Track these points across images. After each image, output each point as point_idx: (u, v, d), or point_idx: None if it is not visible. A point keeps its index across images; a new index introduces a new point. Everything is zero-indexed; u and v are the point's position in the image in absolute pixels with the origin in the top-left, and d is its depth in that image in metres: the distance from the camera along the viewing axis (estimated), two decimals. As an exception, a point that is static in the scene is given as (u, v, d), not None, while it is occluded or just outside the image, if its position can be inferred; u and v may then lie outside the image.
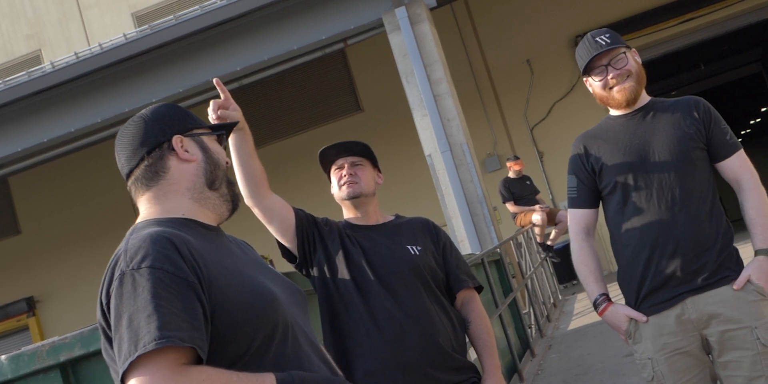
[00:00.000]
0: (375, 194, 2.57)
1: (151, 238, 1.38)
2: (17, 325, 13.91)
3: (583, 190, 2.55)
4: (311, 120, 12.80)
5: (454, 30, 12.51)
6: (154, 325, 1.27)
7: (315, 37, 8.67)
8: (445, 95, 8.28)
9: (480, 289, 2.58)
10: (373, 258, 2.41)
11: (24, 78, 9.04)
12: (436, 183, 8.19)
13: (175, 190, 1.55)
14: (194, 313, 1.33)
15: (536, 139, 12.27)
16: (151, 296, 1.30)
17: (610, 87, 2.49)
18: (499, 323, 5.66)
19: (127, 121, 1.62)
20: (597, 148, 2.52)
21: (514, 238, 7.99)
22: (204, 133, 1.63)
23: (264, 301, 1.44)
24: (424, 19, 8.32)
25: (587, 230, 2.57)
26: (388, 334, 2.31)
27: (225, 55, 8.75)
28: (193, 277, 1.36)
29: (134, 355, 1.25)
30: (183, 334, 1.28)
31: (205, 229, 1.54)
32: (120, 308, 1.32)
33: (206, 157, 1.59)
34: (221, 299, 1.39)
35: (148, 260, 1.35)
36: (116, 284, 1.34)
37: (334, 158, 2.58)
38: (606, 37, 2.50)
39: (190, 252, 1.40)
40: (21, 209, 14.10)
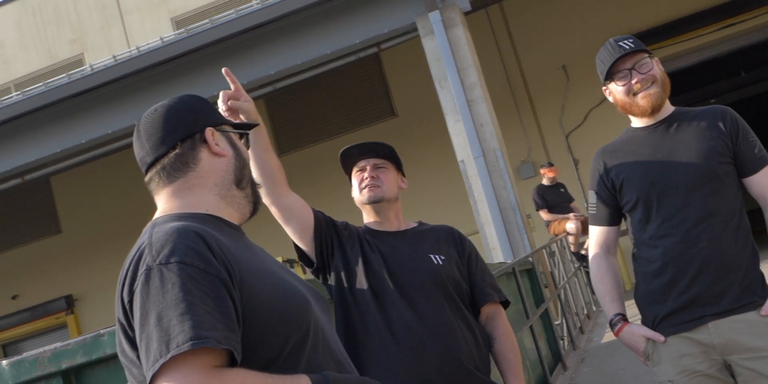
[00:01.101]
0: (398, 199, 2.43)
1: (178, 231, 1.28)
2: (56, 322, 14.03)
3: (603, 207, 2.45)
4: (345, 124, 12.69)
5: (489, 34, 12.31)
6: (188, 324, 1.17)
7: (348, 41, 8.58)
8: (478, 100, 8.14)
9: (506, 304, 2.42)
10: (394, 266, 2.27)
11: (64, 80, 9.07)
12: (468, 189, 8.04)
13: (202, 184, 1.45)
14: (227, 312, 1.23)
15: (571, 146, 12.03)
16: (183, 293, 1.20)
17: (634, 93, 2.36)
18: (530, 334, 5.46)
19: (152, 108, 1.51)
20: (618, 163, 2.40)
21: (547, 246, 7.79)
22: (232, 130, 1.54)
23: (297, 302, 1.36)
24: (458, 24, 8.18)
25: (607, 248, 2.48)
26: (406, 349, 2.16)
27: (259, 58, 8.69)
28: (225, 274, 1.26)
29: (166, 356, 1.16)
30: (218, 335, 1.19)
31: (229, 228, 1.44)
32: (147, 305, 1.21)
33: (236, 154, 1.51)
34: (254, 298, 1.29)
35: (177, 255, 1.24)
36: (142, 280, 1.23)
37: (356, 159, 2.44)
38: (629, 42, 2.38)
39: (220, 248, 1.30)
40: (62, 209, 14.17)
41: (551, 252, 7.85)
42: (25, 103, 9.03)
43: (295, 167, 11.92)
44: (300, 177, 11.38)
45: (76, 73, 9.15)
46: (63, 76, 9.26)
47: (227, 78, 2.00)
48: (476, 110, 8.11)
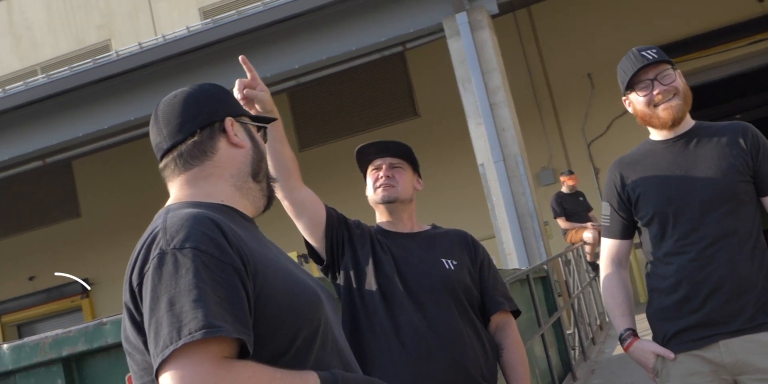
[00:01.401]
0: (412, 201, 2.38)
1: (194, 217, 1.25)
2: (71, 305, 14.09)
3: (617, 220, 2.41)
4: (367, 122, 12.61)
5: (515, 38, 12.19)
6: (201, 311, 1.13)
7: (374, 38, 8.52)
8: (501, 104, 8.06)
9: (517, 314, 2.37)
10: (404, 268, 2.21)
11: (89, 65, 9.05)
12: (486, 193, 7.94)
13: (217, 174, 1.42)
14: (240, 303, 1.19)
15: (593, 155, 11.88)
16: (196, 280, 1.16)
17: (655, 104, 2.31)
18: (541, 343, 5.37)
19: (171, 94, 1.48)
20: (634, 176, 2.35)
21: (563, 255, 7.69)
22: (251, 123, 1.51)
23: (309, 298, 1.32)
24: (485, 26, 8.12)
25: (618, 261, 2.44)
26: (412, 353, 2.11)
27: (284, 52, 8.64)
28: (239, 263, 1.22)
29: (177, 343, 1.12)
30: (230, 327, 1.15)
31: (243, 219, 1.41)
32: (158, 289, 1.17)
33: (254, 146, 1.48)
34: (266, 291, 1.25)
35: (192, 241, 1.20)
36: (154, 263, 1.20)
37: (372, 157, 2.39)
38: (653, 52, 2.34)
39: (235, 237, 1.26)
40: (82, 193, 14.19)
41: (567, 260, 7.74)
42: (49, 86, 9.02)
43: (314, 163, 11.87)
44: (318, 173, 11.33)
45: (102, 59, 9.11)
46: (88, 61, 9.26)
47: (244, 66, 1.96)
48: (499, 114, 8.05)
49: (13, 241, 14.16)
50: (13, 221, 14.22)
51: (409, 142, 2.55)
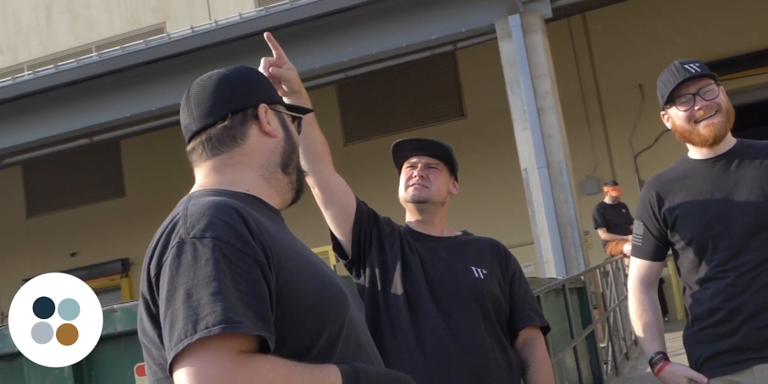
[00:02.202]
0: (444, 204, 2.26)
1: (217, 205, 1.19)
2: (111, 283, 14.17)
3: (650, 241, 2.33)
4: (413, 120, 12.47)
5: (568, 45, 11.95)
6: (219, 305, 1.07)
7: (424, 36, 8.41)
8: (549, 110, 7.92)
9: (546, 330, 2.25)
10: (432, 273, 2.10)
11: (141, 46, 9.03)
12: (528, 199, 7.79)
13: (246, 162, 1.35)
14: (261, 297, 1.13)
15: (639, 167, 11.62)
16: (216, 272, 1.10)
17: (696, 120, 2.22)
18: (573, 355, 5.18)
19: (205, 74, 1.42)
20: (672, 197, 2.26)
21: (601, 266, 7.47)
22: (286, 112, 1.44)
23: (335, 296, 1.26)
24: (537, 30, 7.99)
25: (648, 282, 2.37)
26: (433, 363, 1.99)
27: (334, 44, 8.55)
28: (261, 256, 1.16)
29: (193, 336, 1.06)
30: (250, 323, 1.09)
31: (269, 210, 1.34)
32: (175, 280, 1.12)
33: (287, 137, 1.41)
34: (290, 285, 1.19)
35: (213, 230, 1.14)
36: (173, 253, 1.14)
37: (409, 154, 2.27)
38: (696, 66, 2.24)
39: (258, 228, 1.20)
40: (128, 173, 14.22)
41: (605, 272, 7.54)
42: (100, 64, 9.01)
43: (358, 157, 11.76)
44: (362, 167, 11.22)
45: (154, 41, 9.09)
46: (140, 42, 9.23)
47: (269, 43, 1.84)
48: (545, 120, 7.94)
49: (58, 216, 14.26)
50: (58, 197, 14.35)
51: (454, 143, 2.42)
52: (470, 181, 12.72)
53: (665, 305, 9.57)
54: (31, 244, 14.25)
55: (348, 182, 2.18)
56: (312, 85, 9.24)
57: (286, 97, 1.86)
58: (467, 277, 2.11)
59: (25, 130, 9.53)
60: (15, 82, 9.23)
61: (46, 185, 14.34)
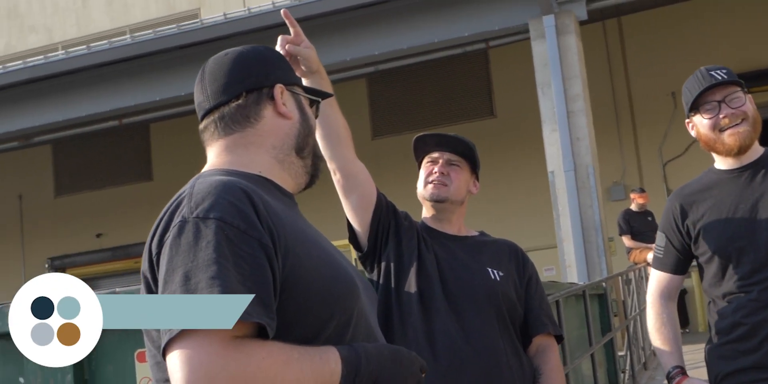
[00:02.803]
0: (463, 203, 2.18)
1: (224, 185, 1.14)
2: (135, 266, 14.20)
3: (671, 253, 2.26)
4: (442, 117, 12.34)
5: (602, 48, 11.77)
6: (217, 290, 1.04)
7: (457, 32, 8.32)
8: (579, 113, 7.82)
9: (560, 339, 2.18)
10: (447, 272, 2.03)
11: (174, 31, 8.99)
12: (553, 201, 7.69)
13: (258, 143, 1.30)
14: (263, 282, 1.08)
15: (667, 175, 11.44)
16: (217, 254, 1.06)
17: (720, 128, 2.13)
18: (590, 362, 5.03)
19: (222, 52, 1.37)
20: (696, 209, 2.19)
21: (624, 274, 7.32)
22: (303, 94, 1.38)
23: (344, 284, 1.22)
24: (572, 31, 7.89)
25: (668, 295, 2.30)
26: (443, 364, 1.92)
27: (365, 37, 8.49)
28: (267, 239, 1.12)
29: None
30: (250, 309, 1.04)
31: (281, 193, 1.29)
32: (174, 261, 1.08)
33: (303, 119, 1.35)
34: (297, 271, 1.14)
35: (217, 210, 1.10)
36: (174, 232, 1.10)
37: (430, 149, 2.19)
38: (722, 73, 2.16)
39: (267, 210, 1.15)
40: (156, 157, 14.17)
41: (627, 280, 7.39)
42: (132, 47, 8.98)
43: (385, 152, 11.66)
44: (389, 162, 11.12)
45: (186, 26, 9.07)
46: (173, 26, 9.21)
47: (286, 21, 1.79)
48: (575, 122, 7.85)
49: (85, 197, 14.28)
50: (86, 178, 14.39)
51: (481, 142, 2.33)
52: (496, 182, 12.71)
53: (686, 317, 9.39)
54: (58, 223, 14.31)
55: (374, 177, 2.12)
56: (342, 78, 9.22)
57: (305, 78, 1.80)
58: (483, 277, 2.05)
59: (56, 109, 9.54)
60: (48, 61, 9.25)
61: (74, 165, 14.38)
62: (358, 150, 2.05)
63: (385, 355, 1.20)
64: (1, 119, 9.64)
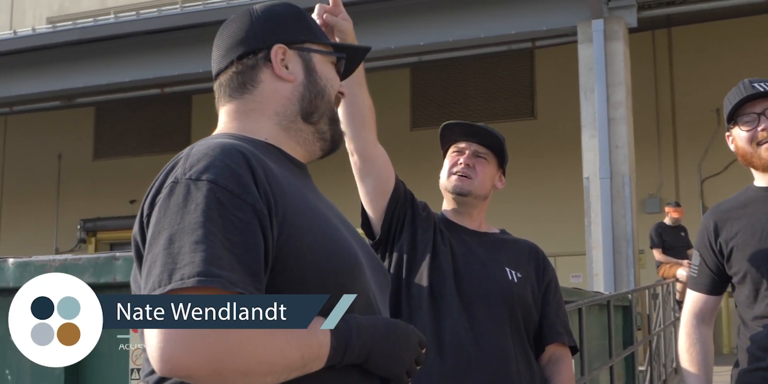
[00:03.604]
0: (487, 198, 2.05)
1: (222, 147, 1.07)
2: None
3: (705, 273, 2.15)
4: (482, 114, 12.11)
5: (649, 58, 11.50)
6: (200, 255, 0.96)
7: (504, 30, 8.18)
8: (620, 120, 7.66)
9: (575, 351, 2.05)
10: (462, 268, 1.91)
11: (223, 4, 8.89)
12: (586, 208, 7.53)
13: (259, 110, 1.22)
14: (253, 250, 1.01)
15: (705, 192, 11.20)
16: (204, 218, 0.99)
17: (758, 142, 2.03)
18: (609, 374, 4.84)
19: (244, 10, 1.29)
20: (730, 226, 2.08)
21: (652, 287, 7.09)
22: (318, 50, 1.25)
23: (346, 260, 1.12)
24: (620, 38, 7.73)
25: (702, 317, 2.18)
26: (449, 365, 1.80)
27: (411, 26, 8.33)
28: (263, 205, 1.04)
29: (166, 287, 0.96)
30: (234, 277, 0.97)
31: (290, 162, 1.20)
32: (161, 223, 1.01)
33: (308, 81, 1.23)
34: (294, 242, 1.06)
35: (211, 172, 1.03)
36: (165, 193, 1.03)
37: (457, 138, 2.05)
38: (765, 85, 2.06)
39: (266, 174, 1.07)
40: (196, 128, 13.99)
41: (654, 294, 7.16)
42: (182, 17, 8.89)
43: (422, 144, 11.53)
44: (425, 154, 11.00)
45: (212, 4, 8.96)
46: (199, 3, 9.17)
47: None
48: (615, 130, 7.69)
49: (122, 162, 14.26)
50: (125, 143, 14.39)
51: (519, 142, 2.11)
52: (529, 184, 12.50)
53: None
54: (94, 186, 14.34)
55: (410, 168, 1.92)
56: (385, 66, 9.11)
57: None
58: (499, 277, 1.93)
59: (100, 72, 9.50)
60: (96, 23, 9.21)
61: (115, 130, 14.39)
62: (395, 140, 1.84)
63: (379, 328, 1.12)
64: (46, 77, 9.63)
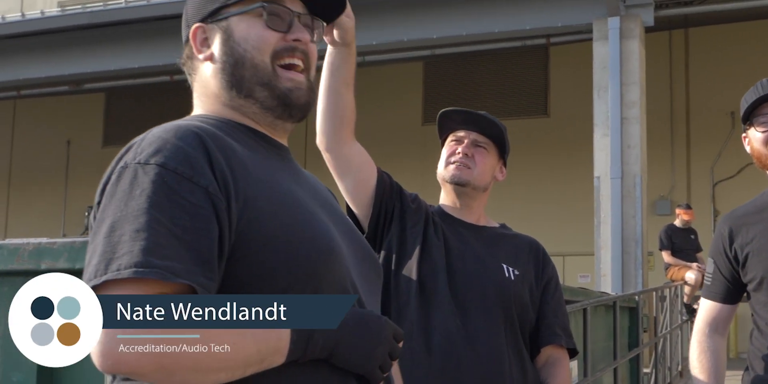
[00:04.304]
0: (487, 190, 1.95)
1: (177, 129, 1.01)
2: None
3: (719, 281, 2.08)
4: (495, 111, 11.86)
5: (665, 58, 11.38)
6: (140, 244, 0.91)
7: (518, 25, 8.09)
8: (633, 120, 7.55)
9: (574, 353, 1.94)
10: (456, 262, 1.81)
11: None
12: (596, 208, 7.44)
13: (206, 95, 1.15)
14: (204, 237, 0.94)
15: (716, 196, 11.12)
16: (149, 204, 0.93)
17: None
18: (612, 375, 4.76)
19: None
20: (746, 232, 2.01)
21: (660, 289, 7.00)
22: (234, 12, 1.11)
23: (317, 248, 1.02)
24: (636, 36, 7.61)
25: (715, 326, 2.10)
26: (436, 364, 1.71)
27: (424, 19, 8.24)
28: (217, 188, 0.97)
29: (101, 278, 0.90)
30: (178, 266, 0.91)
31: (266, 143, 1.12)
32: (106, 210, 0.96)
33: (222, 53, 1.11)
34: (256, 227, 0.99)
35: (161, 156, 0.97)
36: (113, 178, 0.97)
37: (456, 127, 1.96)
38: None
39: (226, 156, 1.00)
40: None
41: (662, 296, 7.06)
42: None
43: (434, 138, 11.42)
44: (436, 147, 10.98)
45: None
46: None
47: None
48: (628, 130, 7.58)
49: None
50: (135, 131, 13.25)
51: (532, 140, 1.99)
52: (540, 181, 12.41)
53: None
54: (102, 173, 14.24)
55: (421, 162, 1.83)
56: (398, 58, 9.00)
57: (334, 47, 1.63)
58: (496, 274, 1.83)
59: (109, 58, 9.43)
60: (106, 8, 9.16)
61: (125, 117, 14.35)
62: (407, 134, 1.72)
63: (346, 320, 1.03)
64: (54, 62, 9.57)
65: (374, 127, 11.60)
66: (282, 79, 1.10)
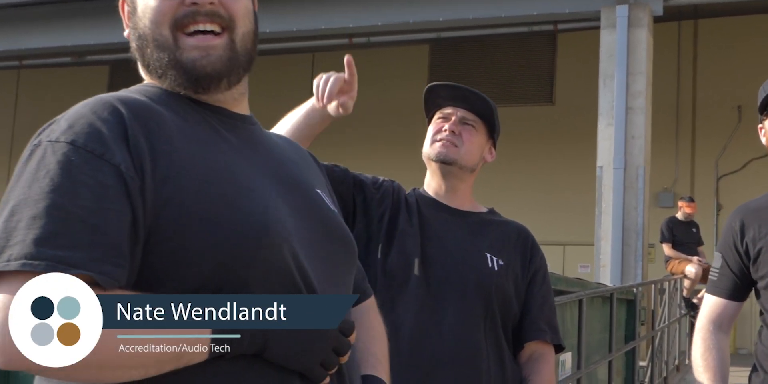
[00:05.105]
0: (474, 171, 1.82)
1: (95, 102, 0.95)
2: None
3: (727, 276, 2.02)
4: (500, 97, 11.87)
5: (673, 49, 11.26)
6: (34, 233, 0.85)
7: (525, 10, 7.97)
8: (638, 110, 7.46)
9: (559, 349, 1.82)
10: (433, 251, 1.68)
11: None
12: (597, 198, 7.37)
13: (146, 73, 1.07)
14: (111, 220, 0.87)
15: (720, 190, 11.08)
16: (51, 188, 0.87)
17: None
18: (607, 368, 4.73)
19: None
20: (758, 227, 1.94)
21: (659, 282, 6.94)
22: None
23: (244, 228, 0.92)
24: (644, 25, 7.50)
25: (719, 323, 2.04)
26: (405, 361, 1.57)
27: (429, 1, 8.14)
28: (131, 165, 0.90)
29: None
30: (76, 256, 0.84)
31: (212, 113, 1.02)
32: (12, 192, 0.90)
33: (132, 27, 1.04)
34: (176, 207, 0.91)
35: (71, 132, 0.91)
36: (25, 157, 0.92)
37: (443, 103, 1.82)
38: None
39: (149, 130, 0.93)
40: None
41: (661, 289, 7.02)
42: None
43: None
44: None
45: None
46: None
47: (346, 69, 1.59)
48: (633, 120, 7.50)
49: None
50: None
51: (537, 128, 1.88)
52: (542, 170, 12.35)
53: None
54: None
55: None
56: (403, 40, 8.94)
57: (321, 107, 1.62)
58: (478, 263, 1.70)
59: (113, 30, 9.19)
60: (109, -21, 8.98)
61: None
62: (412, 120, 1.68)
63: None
64: (56, 33, 9.41)
65: (379, 110, 11.53)
66: (185, 50, 0.99)
